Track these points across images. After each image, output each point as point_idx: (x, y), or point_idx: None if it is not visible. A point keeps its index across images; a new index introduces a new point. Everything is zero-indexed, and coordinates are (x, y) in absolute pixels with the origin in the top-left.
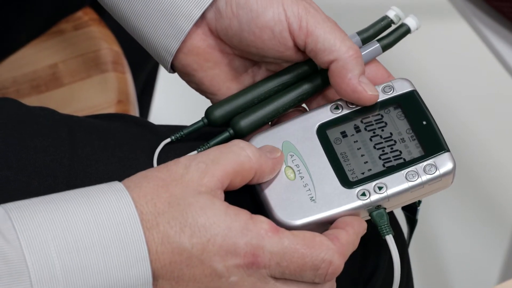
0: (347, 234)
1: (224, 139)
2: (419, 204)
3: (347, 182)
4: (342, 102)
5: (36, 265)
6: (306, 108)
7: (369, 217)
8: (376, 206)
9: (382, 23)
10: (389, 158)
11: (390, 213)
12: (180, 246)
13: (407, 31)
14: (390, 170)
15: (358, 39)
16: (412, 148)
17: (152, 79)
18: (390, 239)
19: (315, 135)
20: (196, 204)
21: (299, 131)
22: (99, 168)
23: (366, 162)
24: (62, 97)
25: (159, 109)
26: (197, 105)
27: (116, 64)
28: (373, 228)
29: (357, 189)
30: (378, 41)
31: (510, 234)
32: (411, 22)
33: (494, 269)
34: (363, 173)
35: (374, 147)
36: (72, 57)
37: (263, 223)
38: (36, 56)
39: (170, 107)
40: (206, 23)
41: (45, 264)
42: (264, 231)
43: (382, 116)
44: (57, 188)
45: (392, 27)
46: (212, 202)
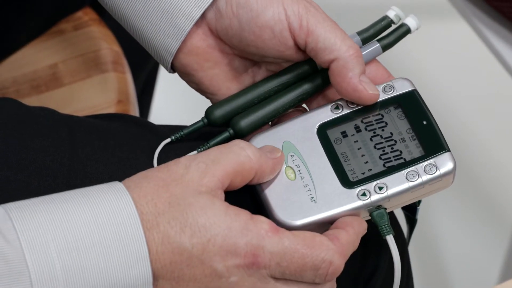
0: (347, 234)
1: (224, 139)
2: (419, 204)
3: (347, 182)
4: (343, 102)
5: (36, 265)
6: (306, 108)
7: (369, 217)
8: (377, 206)
9: (382, 23)
10: (390, 158)
11: (390, 213)
12: (180, 246)
13: (407, 31)
14: (390, 170)
15: (358, 39)
16: (413, 148)
17: (152, 79)
18: (390, 239)
19: (315, 135)
20: (197, 204)
21: (300, 131)
22: (99, 168)
23: (367, 162)
24: (62, 97)
25: (159, 109)
26: (197, 105)
27: (116, 64)
28: (373, 228)
29: (358, 189)
30: (378, 41)
31: (510, 234)
32: (411, 22)
33: (494, 269)
34: (363, 173)
35: (375, 147)
36: (72, 57)
37: (263, 223)
38: (36, 56)
39: (170, 107)
40: (206, 23)
41: (45, 264)
42: (264, 231)
43: (382, 116)
44: (57, 188)
45: (392, 27)
46: (212, 202)
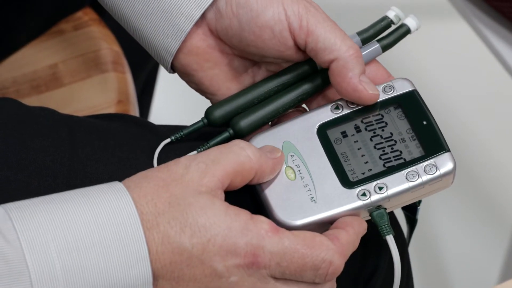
0: (347, 234)
1: (224, 139)
2: (419, 204)
3: (347, 182)
4: (343, 102)
5: (36, 265)
6: (306, 108)
7: (369, 217)
8: (377, 206)
9: (382, 24)
10: (390, 158)
11: (390, 213)
12: (180, 246)
13: (407, 31)
14: (390, 170)
15: (358, 39)
16: (413, 148)
17: (152, 79)
18: (390, 239)
19: (315, 135)
20: (196, 204)
21: (300, 131)
22: (99, 168)
23: (367, 162)
24: (62, 97)
25: (159, 109)
26: (197, 105)
27: (116, 64)
28: (373, 228)
29: (358, 189)
30: (378, 41)
31: (510, 234)
32: (411, 22)
33: (494, 269)
34: (363, 173)
35: (375, 147)
36: (72, 57)
37: (263, 223)
38: (36, 56)
39: (170, 107)
40: (206, 23)
41: (45, 264)
42: (264, 231)
43: (382, 116)
44: (57, 188)
45: (392, 28)
46: (212, 202)
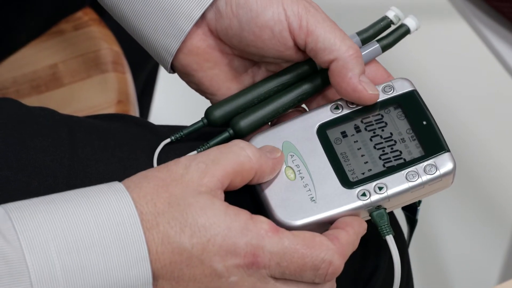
0: (347, 235)
1: (224, 139)
2: (419, 204)
3: (347, 182)
4: (342, 102)
5: (36, 265)
6: (305, 108)
7: (369, 217)
8: (376, 206)
9: (381, 24)
10: (389, 158)
11: (390, 213)
12: (180, 246)
13: (407, 31)
14: (390, 170)
15: (357, 39)
16: (412, 148)
17: (152, 79)
18: (390, 239)
19: (315, 135)
20: (196, 204)
21: (299, 131)
22: (99, 168)
23: (366, 162)
24: (62, 97)
25: (159, 109)
26: (197, 105)
27: (116, 64)
28: (373, 228)
29: (357, 189)
30: (378, 41)
31: (510, 234)
32: (410, 22)
33: (494, 269)
34: (363, 173)
35: (374, 147)
36: (72, 57)
37: (263, 223)
38: (36, 56)
39: (170, 107)
40: (206, 23)
41: (45, 264)
42: (264, 231)
43: (382, 116)
44: (57, 188)
45: (391, 28)
46: (212, 202)
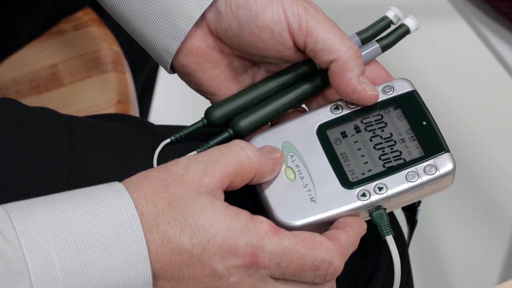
0: (347, 235)
1: (224, 140)
2: (419, 204)
3: (347, 183)
4: (342, 102)
5: (36, 266)
6: (305, 108)
7: (369, 218)
8: (376, 207)
9: (381, 24)
10: (389, 158)
11: (390, 214)
12: (180, 247)
13: (407, 31)
14: (390, 170)
15: (357, 39)
16: (412, 149)
17: (152, 79)
18: (390, 239)
19: (315, 135)
20: (196, 204)
21: (299, 131)
22: (99, 168)
23: (366, 162)
24: (62, 97)
25: (159, 109)
26: (197, 105)
27: (116, 64)
28: (373, 228)
29: (357, 189)
30: (378, 41)
31: (510, 234)
32: (410, 22)
33: (494, 269)
34: (363, 174)
35: (374, 148)
36: (72, 57)
37: (263, 223)
38: (36, 56)
39: (170, 107)
40: (206, 24)
41: (45, 265)
42: (264, 232)
43: (382, 116)
44: (57, 188)
45: (391, 28)
46: (212, 202)
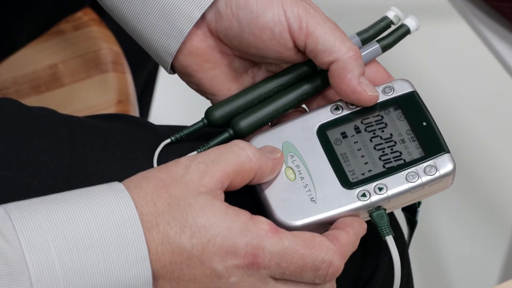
0: (347, 235)
1: (224, 140)
2: (419, 205)
3: (347, 183)
4: (342, 102)
5: (36, 266)
6: (306, 108)
7: (369, 218)
8: (376, 207)
9: (381, 24)
10: (389, 159)
11: (390, 214)
12: (180, 247)
13: (407, 31)
14: (390, 171)
15: (358, 39)
16: (412, 149)
17: (152, 79)
18: (390, 240)
19: (315, 135)
20: (196, 204)
21: (299, 132)
22: (99, 168)
23: (366, 163)
24: (62, 97)
25: (159, 109)
26: (197, 105)
27: (116, 64)
28: (373, 228)
29: (357, 189)
30: (378, 41)
31: (510, 235)
32: (410, 22)
33: (494, 269)
34: (363, 174)
35: (374, 148)
36: (72, 57)
37: (263, 223)
38: (36, 56)
39: (170, 107)
40: (206, 24)
41: (45, 265)
42: (264, 232)
43: (382, 117)
44: (57, 188)
45: (391, 28)
46: (212, 202)
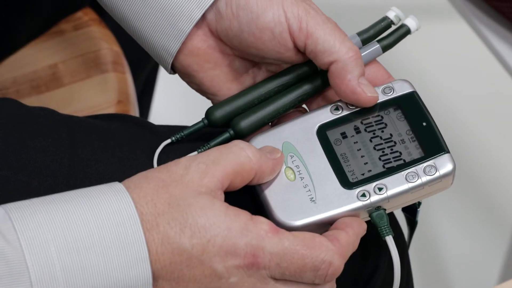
0: (347, 235)
1: (225, 140)
2: (419, 205)
3: (347, 183)
4: (342, 103)
5: (36, 266)
6: (306, 108)
7: (369, 218)
8: (376, 207)
9: (382, 24)
10: (389, 159)
11: (390, 214)
12: (180, 247)
13: (407, 31)
14: (390, 171)
15: (358, 39)
16: (412, 149)
17: (152, 79)
18: (390, 240)
19: (315, 136)
20: (196, 204)
21: (299, 132)
22: (99, 168)
23: (366, 163)
24: (62, 97)
25: (159, 109)
26: (197, 105)
27: (116, 64)
28: (373, 228)
29: (357, 190)
30: (378, 41)
31: (510, 235)
32: (411, 22)
33: (494, 269)
34: (363, 174)
35: (374, 148)
36: (72, 57)
37: (263, 223)
38: (36, 56)
39: (170, 107)
40: (206, 24)
41: (45, 265)
42: (264, 232)
43: (382, 117)
44: (57, 188)
45: (392, 28)
46: (212, 202)
